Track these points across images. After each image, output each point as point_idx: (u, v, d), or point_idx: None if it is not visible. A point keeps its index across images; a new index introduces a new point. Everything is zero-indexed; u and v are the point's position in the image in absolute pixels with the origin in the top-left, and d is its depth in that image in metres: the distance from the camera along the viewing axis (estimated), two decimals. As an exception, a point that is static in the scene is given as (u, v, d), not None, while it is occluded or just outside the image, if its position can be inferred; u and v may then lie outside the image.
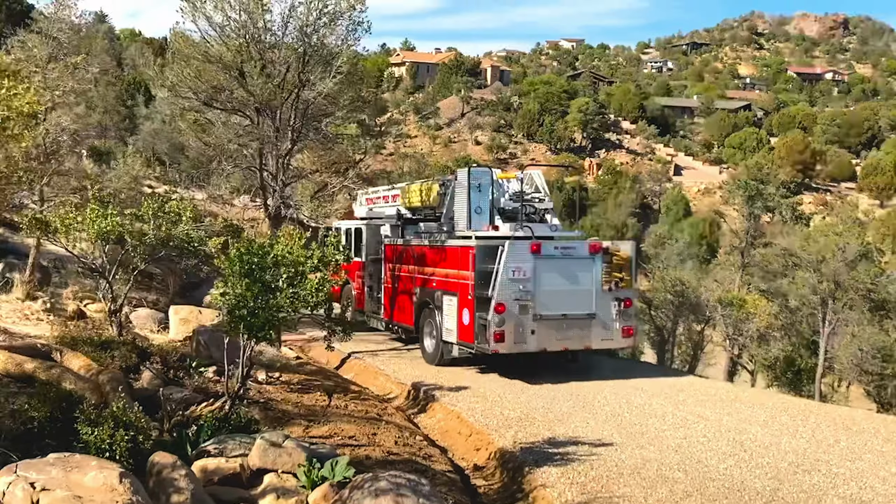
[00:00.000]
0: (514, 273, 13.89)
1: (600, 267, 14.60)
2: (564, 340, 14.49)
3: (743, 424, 11.38)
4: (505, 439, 10.50)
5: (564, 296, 14.36)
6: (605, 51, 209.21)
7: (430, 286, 16.05)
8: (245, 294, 7.33)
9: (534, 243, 14.16)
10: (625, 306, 14.71)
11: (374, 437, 9.70)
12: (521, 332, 13.99)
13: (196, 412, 8.76)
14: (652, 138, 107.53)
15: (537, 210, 16.11)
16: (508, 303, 13.85)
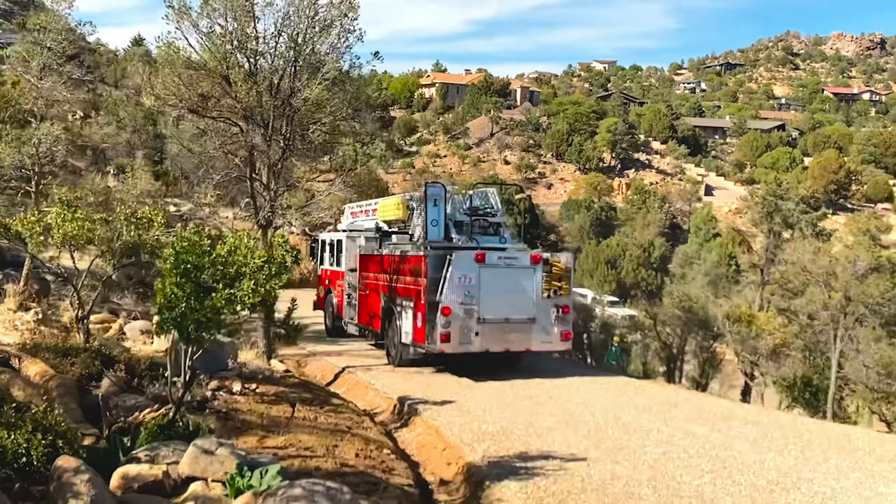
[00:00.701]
0: (460, 280, 15.23)
1: (540, 276, 15.94)
2: (506, 342, 15.78)
3: (730, 441, 10.83)
4: (476, 453, 10.07)
5: (507, 301, 15.62)
6: (638, 72, 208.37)
7: (393, 293, 17.25)
8: (177, 294, 7.04)
9: (479, 253, 15.54)
10: (563, 312, 16.08)
11: (335, 449, 9.33)
12: (465, 334, 15.28)
13: (139, 419, 8.46)
14: (682, 158, 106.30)
15: (491, 224, 17.56)
16: (454, 307, 15.17)
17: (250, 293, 7.20)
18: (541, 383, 15.26)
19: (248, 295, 7.21)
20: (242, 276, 7.37)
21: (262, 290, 7.29)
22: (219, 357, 13.49)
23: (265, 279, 7.43)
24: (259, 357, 15.94)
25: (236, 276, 7.40)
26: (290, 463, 8.27)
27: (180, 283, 7.11)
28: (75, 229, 10.45)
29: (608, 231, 79.64)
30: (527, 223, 75.95)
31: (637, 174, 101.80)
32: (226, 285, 7.27)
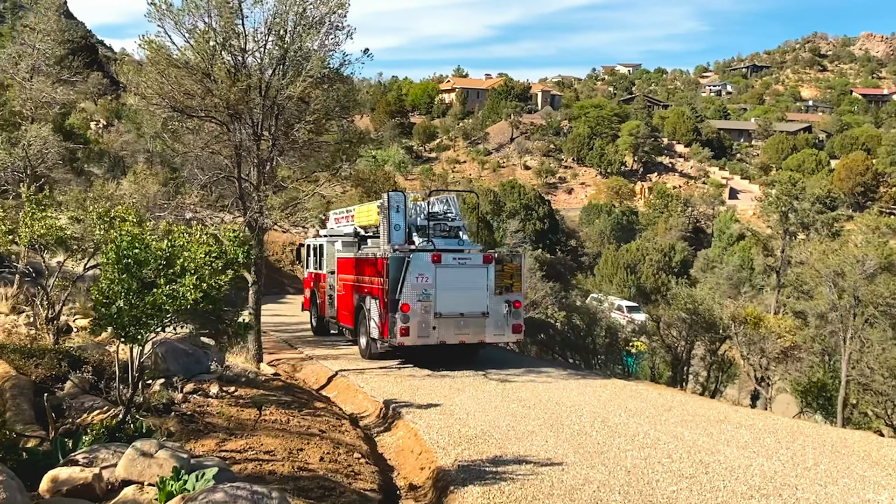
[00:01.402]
0: (417, 279, 16.49)
1: (493, 274, 17.13)
2: (461, 335, 16.98)
3: (718, 445, 10.36)
4: (448, 457, 9.72)
5: (461, 298, 16.83)
6: (663, 75, 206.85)
7: (363, 292, 18.57)
8: (114, 289, 6.77)
9: (434, 254, 16.85)
10: (514, 307, 17.28)
11: (298, 453, 9.01)
12: (423, 328, 16.57)
13: (87, 420, 8.20)
14: (706, 161, 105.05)
15: (451, 228, 18.69)
16: (412, 303, 16.45)
17: (192, 289, 6.90)
18: (533, 387, 14.87)
19: (190, 290, 6.90)
20: (186, 271, 7.07)
21: (205, 286, 6.99)
22: (200, 360, 13.26)
23: (209, 274, 7.13)
24: (248, 361, 15.70)
25: (181, 272, 7.10)
26: (243, 467, 7.97)
27: (120, 278, 6.84)
28: (42, 228, 10.24)
29: (630, 236, 78.79)
30: (545, 228, 75.58)
31: (660, 178, 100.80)
32: (168, 281, 6.98)
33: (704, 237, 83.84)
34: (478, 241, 23.11)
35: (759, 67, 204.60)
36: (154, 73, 13.54)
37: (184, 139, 14.38)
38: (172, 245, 7.28)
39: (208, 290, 7.05)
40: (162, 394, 10.09)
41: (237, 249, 7.65)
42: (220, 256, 7.53)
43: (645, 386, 15.91)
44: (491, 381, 15.60)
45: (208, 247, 7.51)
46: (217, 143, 14.71)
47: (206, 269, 7.07)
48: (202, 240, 7.63)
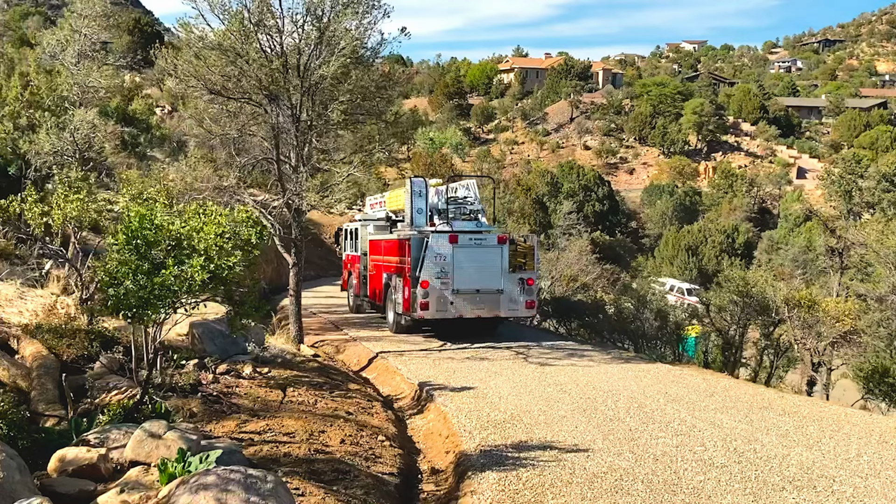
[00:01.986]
0: (436, 258, 17.81)
1: (507, 253, 18.31)
2: (477, 309, 18.26)
3: (757, 434, 9.94)
4: (473, 442, 9.56)
5: (477, 275, 18.05)
6: (729, 52, 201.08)
7: (389, 271, 19.94)
8: (121, 270, 6.75)
9: (451, 235, 18.12)
10: (527, 284, 18.46)
11: (320, 435, 8.95)
12: (442, 303, 17.90)
13: (106, 400, 8.25)
14: (773, 140, 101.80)
15: (471, 211, 20.03)
16: (432, 280, 17.81)
17: (199, 269, 6.83)
18: (573, 370, 14.58)
19: (198, 271, 6.84)
20: (196, 251, 7.01)
21: (212, 267, 6.91)
22: (237, 341, 13.33)
23: (218, 255, 7.05)
24: (289, 342, 15.76)
25: (190, 252, 7.05)
26: (258, 449, 7.93)
27: (129, 259, 6.81)
28: (75, 210, 10.36)
29: (692, 217, 77.03)
30: (605, 209, 74.43)
31: (724, 157, 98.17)
32: (177, 262, 6.93)
33: (770, 218, 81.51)
34: (496, 223, 23.41)
35: (832, 42, 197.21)
36: (189, 55, 13.57)
37: (221, 122, 14.40)
38: (185, 225, 7.22)
39: (216, 271, 6.97)
40: (190, 374, 10.14)
41: (249, 231, 7.56)
42: (232, 238, 7.44)
43: (690, 371, 15.44)
44: (530, 364, 15.36)
45: (221, 227, 7.43)
46: (254, 126, 14.70)
47: (214, 250, 6.99)
48: (216, 220, 7.56)
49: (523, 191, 52.36)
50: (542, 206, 55.20)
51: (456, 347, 17.51)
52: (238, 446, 7.53)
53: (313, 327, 22.52)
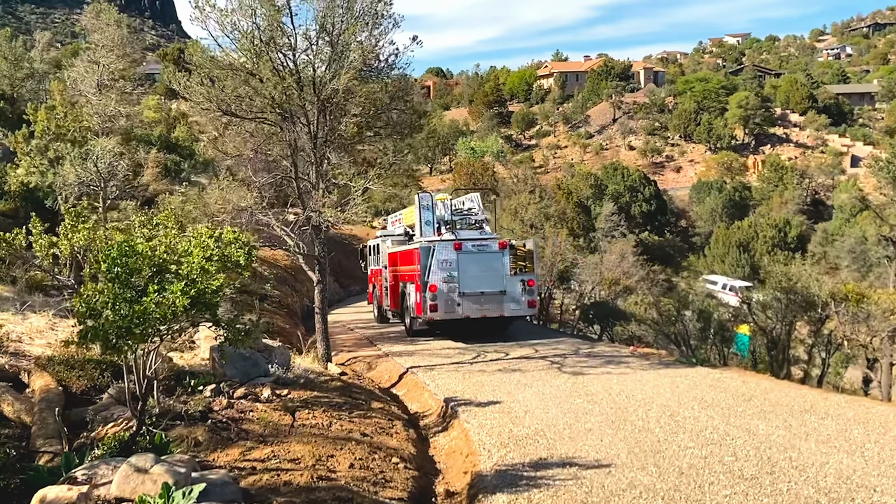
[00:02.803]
0: (442, 264, 19.45)
1: (508, 258, 19.81)
2: (483, 310, 19.72)
3: (795, 440, 9.32)
4: (491, 461, 9.14)
5: (481, 278, 19.61)
6: (775, 43, 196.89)
7: (404, 279, 21.64)
8: (99, 299, 6.54)
9: (456, 243, 19.78)
10: (528, 285, 19.93)
11: (328, 460, 8.62)
12: (450, 304, 19.48)
13: (102, 433, 8.05)
14: (823, 129, 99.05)
15: (476, 221, 21.85)
16: (440, 284, 19.41)
17: (179, 295, 6.57)
18: (607, 379, 14.03)
19: (178, 297, 6.58)
20: (177, 276, 6.77)
21: (193, 291, 6.65)
22: (258, 363, 13.15)
23: (200, 279, 6.80)
24: (315, 361, 15.52)
25: (173, 278, 6.80)
26: (259, 478, 7.63)
27: (106, 288, 6.60)
28: (81, 240, 10.26)
29: (743, 212, 75.38)
30: (652, 210, 73.17)
31: (773, 150, 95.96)
32: (158, 288, 6.69)
33: (824, 209, 79.31)
34: (501, 230, 26.23)
35: (883, 25, 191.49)
36: (201, 77, 13.47)
37: (235, 142, 14.28)
38: (169, 250, 7.00)
39: (198, 296, 6.71)
40: (200, 401, 9.92)
41: (238, 252, 7.30)
42: (221, 260, 7.18)
43: (731, 374, 14.76)
44: (563, 374, 14.87)
45: (209, 250, 7.19)
46: (270, 145, 14.56)
47: (196, 274, 6.74)
48: (203, 243, 7.31)
49: (564, 195, 51.69)
50: (584, 209, 54.40)
51: (489, 360, 17.10)
52: (233, 477, 7.26)
53: (348, 344, 22.35)
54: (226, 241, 7.32)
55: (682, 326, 19.43)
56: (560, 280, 28.59)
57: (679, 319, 19.37)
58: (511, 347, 18.70)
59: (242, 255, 7.38)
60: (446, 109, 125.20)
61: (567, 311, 30.45)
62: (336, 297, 45.31)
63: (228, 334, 7.50)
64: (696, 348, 19.18)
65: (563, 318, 30.28)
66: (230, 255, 7.33)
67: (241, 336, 7.56)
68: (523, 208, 34.83)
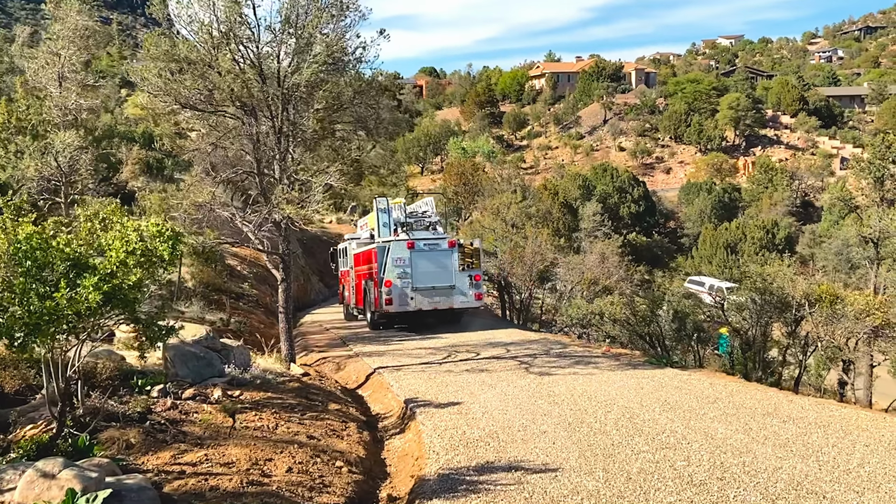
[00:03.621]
0: (397, 261, 21.51)
1: (456, 256, 21.99)
2: (434, 303, 21.75)
3: (753, 444, 9.03)
4: (436, 464, 8.84)
5: (432, 274, 21.63)
6: (767, 45, 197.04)
7: (365, 277, 23.56)
8: (4, 295, 6.20)
9: (409, 242, 21.78)
10: (475, 280, 22.12)
11: (265, 464, 8.30)
12: (403, 298, 21.50)
13: (19, 436, 7.70)
14: (814, 131, 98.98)
15: (430, 223, 23.61)
16: (394, 280, 21.46)
17: (91, 290, 6.24)
18: (573, 380, 13.74)
19: (91, 292, 6.26)
20: (91, 270, 6.44)
21: (106, 287, 6.32)
22: (212, 363, 12.83)
23: (119, 273, 6.47)
24: (278, 362, 15.18)
25: (89, 272, 6.47)
26: (184, 482, 7.30)
27: (18, 282, 6.27)
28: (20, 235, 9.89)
29: (732, 214, 75.23)
30: (641, 210, 72.94)
31: (764, 151, 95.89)
32: (70, 284, 6.36)
33: (814, 211, 79.25)
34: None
35: (874, 28, 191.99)
36: (156, 68, 13.12)
37: (192, 136, 13.93)
38: (87, 244, 6.67)
39: (112, 292, 6.39)
40: (140, 401, 9.58)
41: (162, 246, 6.96)
42: (145, 254, 6.86)
43: (700, 375, 14.48)
44: (530, 374, 14.58)
45: (132, 244, 6.86)
46: (231, 139, 14.21)
47: (112, 267, 6.42)
48: (125, 236, 6.99)
49: (550, 195, 51.38)
50: (571, 209, 54.11)
51: (458, 360, 16.83)
52: (156, 482, 6.95)
53: (321, 344, 22.05)
54: (149, 234, 6.98)
55: (657, 327, 19.14)
56: (540, 280, 28.30)
57: (654, 320, 19.07)
58: (483, 348, 18.42)
59: (166, 249, 7.03)
60: (438, 109, 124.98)
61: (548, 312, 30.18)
62: (320, 297, 45.01)
63: (147, 333, 7.16)
64: (671, 349, 18.89)
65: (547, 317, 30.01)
66: (154, 249, 6.98)
67: (162, 335, 7.21)
68: (505, 207, 34.53)
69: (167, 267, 7.21)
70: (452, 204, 61.23)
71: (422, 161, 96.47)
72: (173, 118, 14.40)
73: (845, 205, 31.45)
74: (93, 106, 16.30)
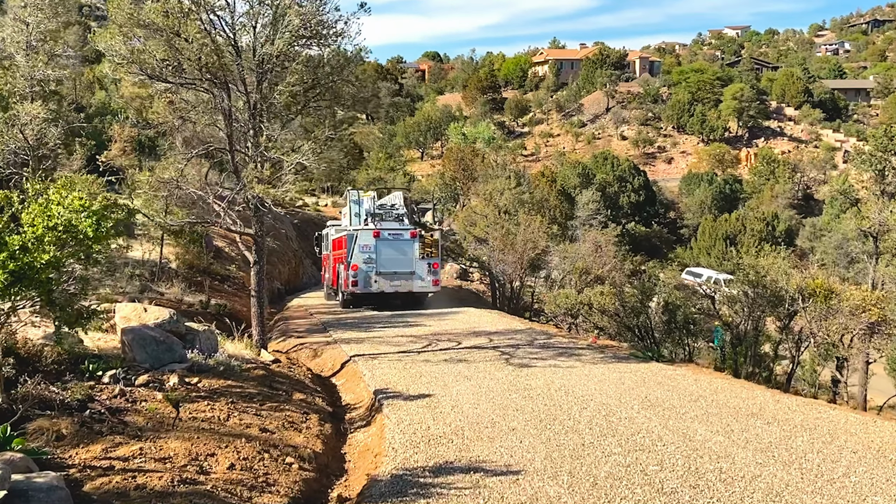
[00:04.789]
0: (362, 248, 23.88)
1: (417, 245, 24.30)
2: (395, 286, 24.15)
3: (733, 448, 8.44)
4: (394, 462, 8.27)
5: (394, 261, 23.94)
6: (774, 36, 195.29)
7: (338, 261, 25.86)
8: None
9: (375, 231, 24.12)
10: (433, 267, 24.46)
11: (206, 460, 7.72)
12: (367, 281, 23.88)
13: (-64, 425, 7.10)
14: (818, 124, 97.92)
15: (398, 215, 25.38)
16: (360, 265, 23.82)
17: (4, 262, 5.63)
18: (552, 373, 13.15)
19: (0, 265, 5.65)
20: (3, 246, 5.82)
21: (13, 266, 5.71)
22: (172, 348, 12.27)
23: (33, 250, 5.86)
24: (249, 347, 14.60)
25: (1, 250, 5.85)
26: (107, 480, 6.72)
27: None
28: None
29: (732, 205, 74.37)
30: (641, 200, 72.16)
31: (767, 143, 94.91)
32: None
33: (815, 204, 78.40)
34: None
35: (882, 22, 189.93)
36: (120, 35, 12.44)
37: (158, 109, 13.26)
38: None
39: (20, 270, 5.78)
40: (80, 389, 8.98)
41: (85, 221, 6.35)
42: (68, 230, 6.24)
43: (686, 371, 13.90)
44: (510, 366, 13.99)
45: (54, 220, 6.24)
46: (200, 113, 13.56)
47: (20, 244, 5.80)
48: (50, 211, 6.37)
49: (548, 182, 50.65)
50: (568, 197, 53.39)
51: (438, 349, 16.25)
52: (75, 479, 6.37)
53: (301, 328, 21.46)
54: (71, 209, 6.35)
55: (646, 318, 18.51)
56: (532, 268, 27.68)
57: (643, 311, 18.44)
58: (466, 337, 17.84)
59: (89, 225, 6.41)
60: (440, 94, 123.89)
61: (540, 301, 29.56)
62: (312, 281, 44.38)
63: (62, 316, 6.54)
64: (660, 342, 18.27)
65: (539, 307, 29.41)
66: (77, 225, 6.36)
67: (80, 320, 6.60)
68: (498, 193, 33.86)
69: (93, 245, 6.57)
70: (450, 190, 60.53)
71: (422, 146, 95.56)
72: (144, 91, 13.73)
73: (846, 198, 30.64)
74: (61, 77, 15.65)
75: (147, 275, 23.94)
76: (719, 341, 19.48)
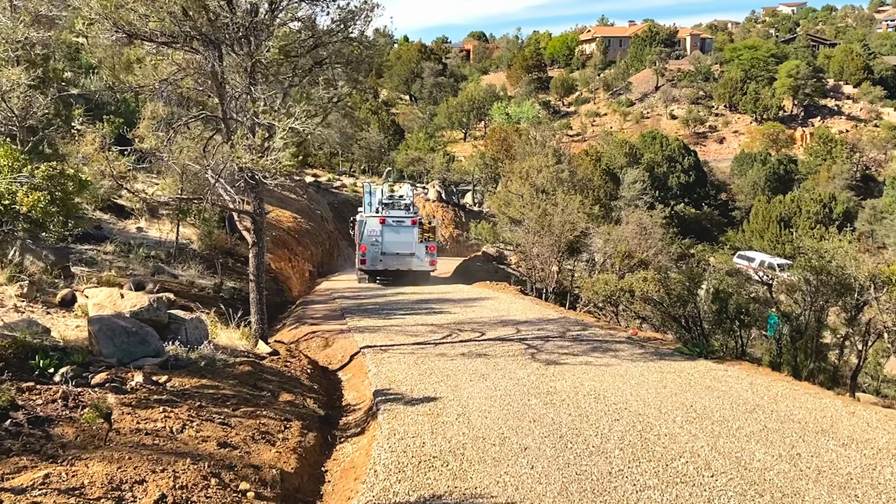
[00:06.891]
0: (370, 233, 27.50)
1: (417, 230, 27.63)
2: (398, 265, 27.45)
3: (801, 481, 6.66)
4: (371, 492, 6.70)
5: (397, 243, 27.37)
6: (832, 12, 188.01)
7: (357, 243, 29.16)
8: None
9: (381, 218, 27.59)
10: (430, 250, 27.88)
11: (132, 488, 6.19)
12: (374, 260, 27.39)
13: None
14: (878, 102, 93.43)
15: (405, 205, 28.91)
16: (368, 246, 27.44)
17: None
18: (582, 371, 11.41)
19: None
20: None
21: None
22: (146, 340, 10.83)
23: None
24: (245, 337, 13.12)
25: None
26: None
27: None
28: None
29: (787, 186, 71.16)
30: (691, 181, 69.41)
31: (823, 122, 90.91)
32: None
33: (875, 186, 74.70)
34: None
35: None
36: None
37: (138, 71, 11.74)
38: None
39: None
40: (2, 392, 7.51)
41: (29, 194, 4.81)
42: None
43: (739, 371, 12.03)
44: (535, 362, 12.29)
45: None
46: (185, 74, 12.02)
47: None
48: None
49: (592, 161, 48.45)
50: (613, 177, 51.15)
51: (458, 340, 14.59)
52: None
53: (318, 315, 20.00)
54: None
55: (694, 307, 16.60)
56: (571, 251, 25.82)
57: (691, 300, 16.53)
58: (491, 326, 16.17)
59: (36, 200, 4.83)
60: (484, 73, 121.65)
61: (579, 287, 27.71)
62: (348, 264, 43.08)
63: None
64: (709, 334, 16.35)
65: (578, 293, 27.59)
66: None
67: None
68: (535, 171, 31.95)
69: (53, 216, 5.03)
70: (490, 171, 58.68)
71: (465, 126, 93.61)
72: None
73: None
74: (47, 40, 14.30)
75: (164, 256, 22.75)
76: (774, 331, 17.52)
